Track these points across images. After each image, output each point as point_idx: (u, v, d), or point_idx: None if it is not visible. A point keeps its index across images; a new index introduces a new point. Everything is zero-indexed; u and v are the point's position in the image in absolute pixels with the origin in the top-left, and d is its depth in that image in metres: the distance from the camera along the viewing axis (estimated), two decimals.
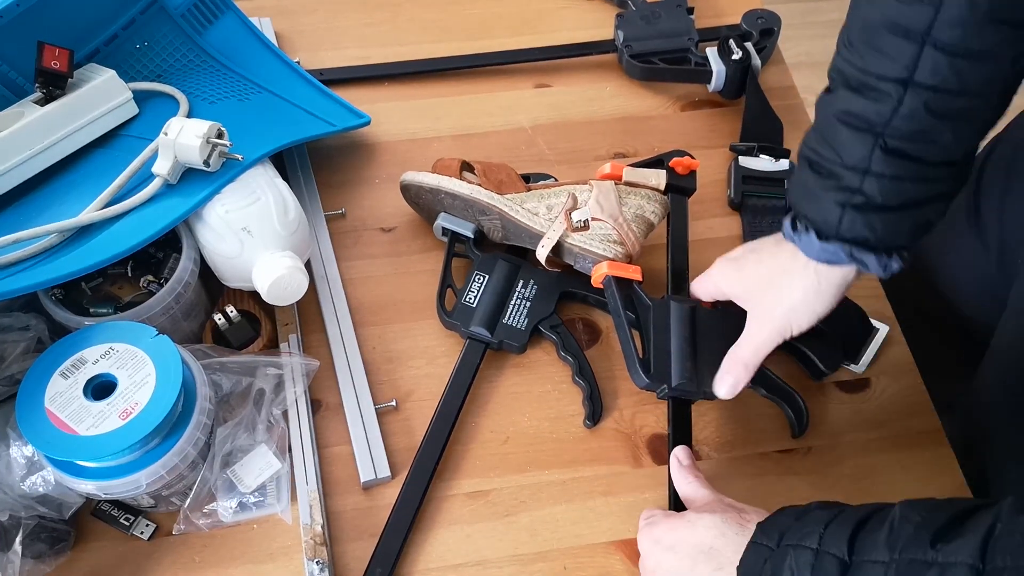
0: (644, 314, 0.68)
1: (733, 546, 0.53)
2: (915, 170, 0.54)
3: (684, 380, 0.65)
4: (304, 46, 0.94)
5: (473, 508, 0.66)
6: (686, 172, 0.77)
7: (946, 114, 0.52)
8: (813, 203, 0.57)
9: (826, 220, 0.57)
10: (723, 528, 0.54)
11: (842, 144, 0.55)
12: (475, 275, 0.74)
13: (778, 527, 0.51)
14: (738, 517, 0.55)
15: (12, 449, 0.57)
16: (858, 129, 0.54)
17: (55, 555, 0.60)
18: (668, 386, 0.65)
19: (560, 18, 0.98)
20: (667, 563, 0.56)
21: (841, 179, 0.55)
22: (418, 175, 0.76)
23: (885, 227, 0.56)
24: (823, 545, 0.47)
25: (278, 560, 0.63)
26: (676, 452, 0.63)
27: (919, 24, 0.50)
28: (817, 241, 0.57)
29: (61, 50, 0.68)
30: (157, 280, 0.67)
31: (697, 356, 0.66)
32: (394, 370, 0.72)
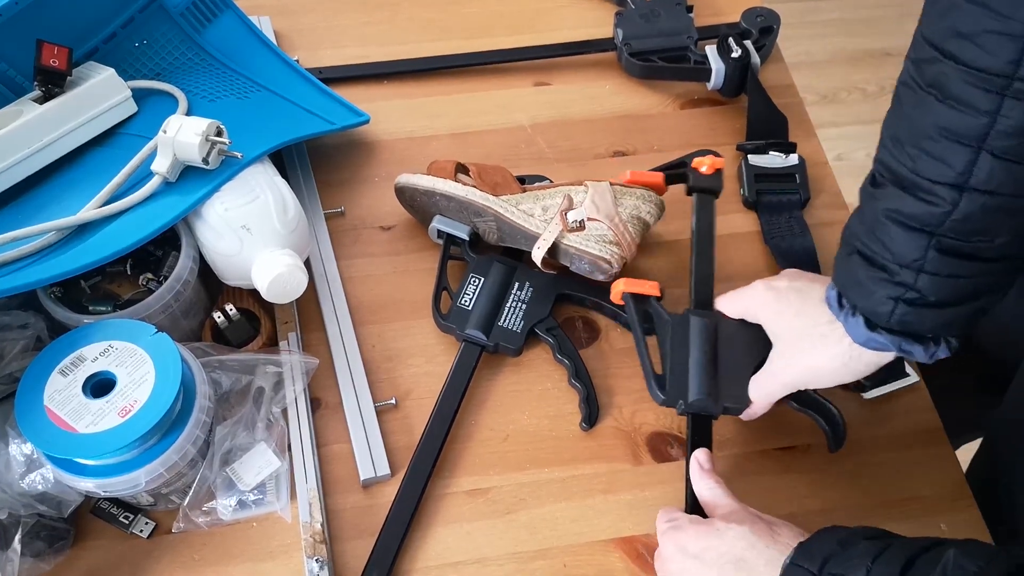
0: (662, 330, 0.67)
1: (764, 559, 0.51)
2: (971, 267, 0.52)
3: (702, 396, 0.63)
4: (303, 44, 0.94)
5: (472, 506, 0.66)
6: (712, 171, 0.74)
7: (1003, 214, 0.50)
8: (863, 294, 0.55)
9: (876, 311, 0.55)
10: (753, 540, 0.53)
11: (893, 241, 0.53)
12: (470, 277, 0.74)
13: (821, 552, 0.49)
14: (768, 530, 0.53)
15: (11, 447, 0.57)
16: (911, 229, 0.52)
17: (54, 553, 0.60)
18: (685, 402, 0.64)
19: (559, 16, 0.98)
20: (693, 570, 0.55)
21: (895, 275, 0.53)
22: (413, 177, 0.76)
23: (938, 320, 0.54)
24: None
25: (278, 558, 0.63)
26: (697, 455, 0.61)
27: (974, 132, 0.47)
28: (865, 329, 0.56)
29: (60, 48, 0.68)
30: (156, 278, 0.66)
31: (718, 371, 0.64)
32: (393, 368, 0.72)
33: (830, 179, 0.86)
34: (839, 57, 2.12)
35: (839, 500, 0.67)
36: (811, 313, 0.60)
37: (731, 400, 0.64)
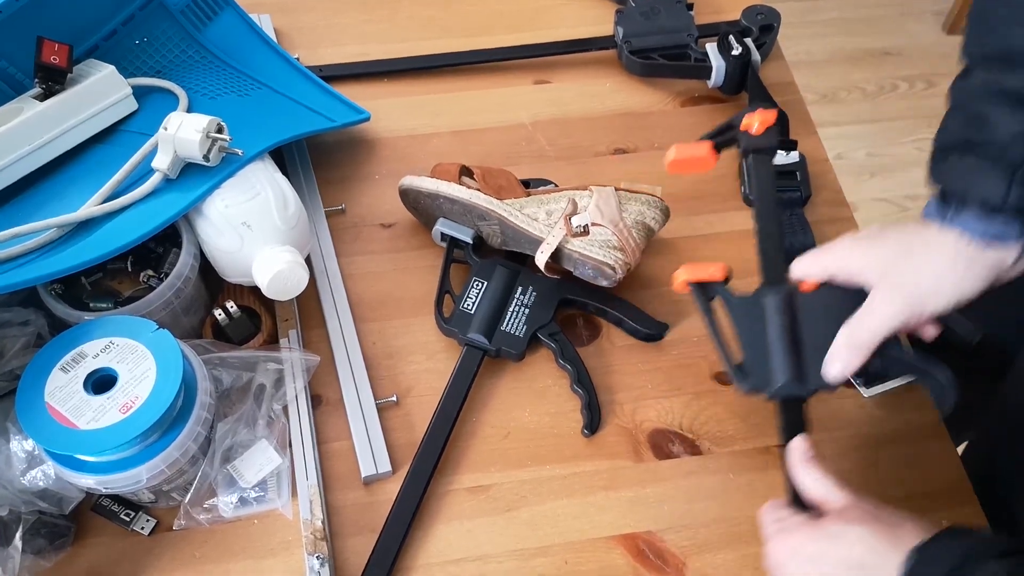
0: (735, 314, 0.61)
1: (887, 565, 0.48)
2: None
3: (787, 379, 0.57)
4: (303, 43, 0.94)
5: (474, 503, 0.66)
6: (763, 130, 0.65)
7: None
8: (974, 183, 0.53)
9: (992, 194, 0.52)
10: (874, 543, 0.49)
11: (996, 119, 0.52)
12: (473, 281, 0.74)
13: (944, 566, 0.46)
14: (889, 532, 0.49)
15: (12, 443, 0.57)
16: (1014, 102, 0.52)
17: (55, 550, 0.60)
18: (769, 390, 0.58)
19: (559, 14, 0.98)
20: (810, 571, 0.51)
21: (1005, 152, 0.52)
22: (417, 180, 0.76)
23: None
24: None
25: (278, 555, 0.63)
26: (794, 444, 0.56)
27: None
28: (981, 220, 0.53)
29: (60, 45, 0.68)
30: (157, 275, 0.66)
31: (801, 349, 0.58)
32: (394, 365, 0.72)
33: (831, 176, 0.86)
34: (839, 56, 2.12)
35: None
36: (915, 234, 0.56)
37: (822, 380, 0.58)
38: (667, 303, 0.76)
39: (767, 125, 0.65)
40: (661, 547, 0.64)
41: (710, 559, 0.64)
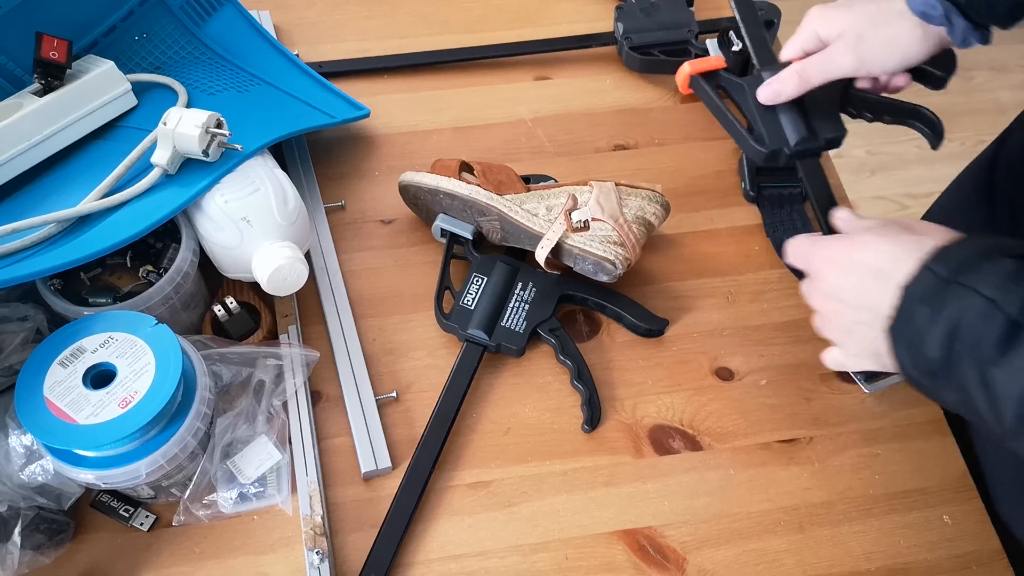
0: (740, 95, 0.68)
1: (904, 268, 0.50)
2: None
3: (802, 136, 0.65)
4: (303, 39, 0.94)
5: (474, 499, 0.66)
6: None
7: None
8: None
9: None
10: (896, 251, 0.51)
11: None
12: (473, 277, 0.74)
13: (958, 258, 0.48)
14: (914, 241, 0.51)
15: (11, 438, 0.57)
16: None
17: (54, 546, 0.60)
18: (787, 149, 0.65)
19: (559, 11, 0.98)
20: (840, 283, 0.55)
21: None
22: (416, 175, 0.76)
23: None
24: (995, 296, 0.44)
25: (278, 551, 0.62)
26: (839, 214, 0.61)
27: None
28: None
29: (59, 41, 0.68)
30: (156, 270, 0.66)
31: (807, 111, 0.66)
32: (394, 361, 0.72)
33: (831, 173, 0.86)
34: None
35: (841, 492, 0.66)
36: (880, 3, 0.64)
37: (830, 131, 0.66)
38: (668, 299, 0.76)
39: None
40: (662, 543, 0.64)
41: (711, 555, 0.64)
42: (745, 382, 0.72)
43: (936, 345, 0.46)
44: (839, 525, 0.65)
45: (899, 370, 0.51)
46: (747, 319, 0.75)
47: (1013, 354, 0.43)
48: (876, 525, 0.65)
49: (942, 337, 0.46)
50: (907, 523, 0.65)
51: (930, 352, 0.47)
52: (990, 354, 0.44)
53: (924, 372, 0.48)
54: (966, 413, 0.48)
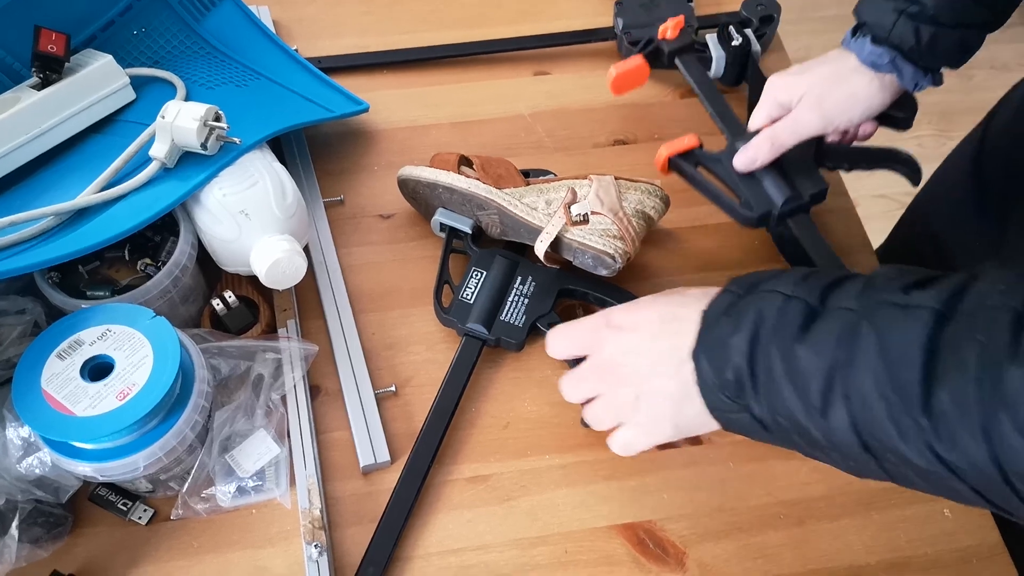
0: (719, 168, 0.72)
1: (693, 312, 0.50)
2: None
3: (788, 197, 0.69)
4: (302, 34, 0.94)
5: (473, 493, 0.65)
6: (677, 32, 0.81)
7: None
8: (873, 8, 0.66)
9: (881, 24, 0.65)
10: (683, 298, 0.52)
11: None
12: (472, 271, 0.73)
13: (751, 279, 0.49)
14: (699, 292, 0.52)
15: (8, 431, 0.57)
16: None
17: (52, 540, 0.60)
18: (775, 211, 0.70)
19: (559, 6, 0.98)
20: (629, 340, 0.54)
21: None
22: (415, 169, 0.76)
23: (929, 38, 0.64)
24: (794, 292, 0.46)
25: (277, 545, 0.62)
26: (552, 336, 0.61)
27: None
28: (869, 45, 0.67)
29: (58, 34, 0.67)
30: (155, 263, 0.66)
31: (787, 172, 0.70)
32: (393, 356, 0.72)
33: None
34: None
35: (841, 487, 0.66)
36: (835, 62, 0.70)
37: (812, 187, 0.70)
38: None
39: (680, 27, 0.80)
40: (662, 536, 0.64)
41: (711, 548, 0.63)
42: None
43: (742, 348, 0.46)
44: (839, 519, 0.65)
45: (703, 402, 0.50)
46: None
47: (813, 332, 0.44)
48: (876, 519, 0.65)
49: (747, 338, 0.46)
50: (907, 517, 0.65)
51: (735, 357, 0.46)
52: (793, 335, 0.44)
53: (731, 385, 0.47)
54: (775, 426, 0.47)
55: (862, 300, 0.43)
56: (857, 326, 0.42)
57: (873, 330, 0.41)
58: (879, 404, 0.41)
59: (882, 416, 0.41)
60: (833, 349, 0.43)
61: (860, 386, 0.42)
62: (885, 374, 0.41)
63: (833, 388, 0.43)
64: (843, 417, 0.43)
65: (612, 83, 0.82)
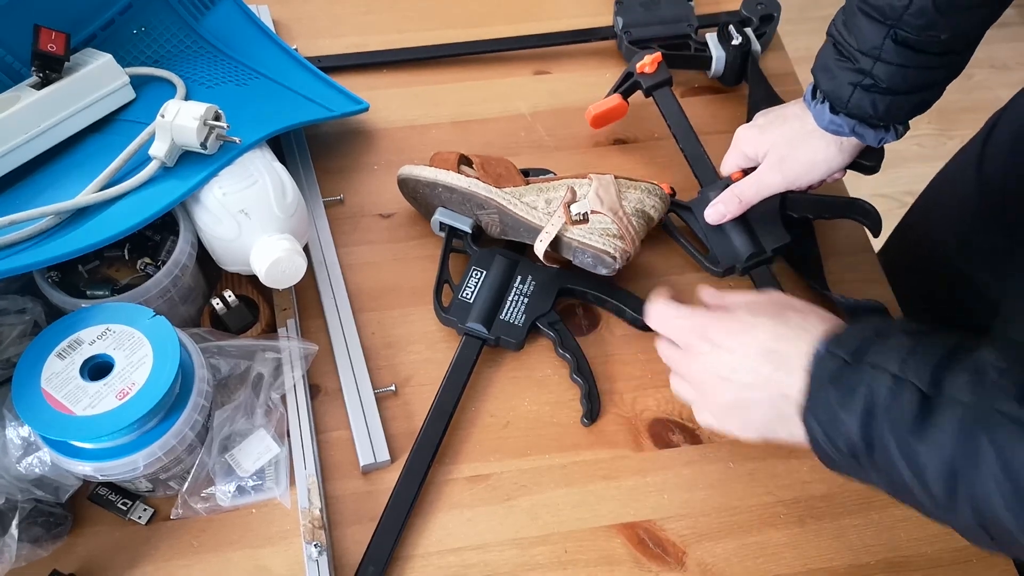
0: (690, 217, 0.76)
1: (795, 350, 0.50)
2: (919, 60, 0.63)
3: (751, 252, 0.72)
4: (302, 33, 0.94)
5: (473, 492, 0.65)
6: (655, 67, 0.82)
7: (950, 10, 0.59)
8: (830, 79, 0.67)
9: (839, 96, 0.66)
10: (782, 331, 0.52)
11: (860, 30, 0.63)
12: (472, 271, 0.73)
13: (856, 339, 0.48)
14: (800, 319, 0.52)
15: (8, 430, 0.57)
16: (874, 19, 0.62)
17: (52, 539, 0.60)
18: (739, 264, 0.73)
19: (559, 5, 0.98)
20: (725, 361, 0.54)
21: (856, 61, 0.64)
22: (415, 168, 0.75)
23: (887, 107, 0.65)
24: (903, 373, 0.45)
25: (277, 544, 0.62)
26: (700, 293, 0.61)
27: None
28: (828, 113, 0.68)
29: (57, 33, 0.67)
30: (154, 263, 0.66)
31: (752, 227, 0.73)
32: (393, 355, 0.72)
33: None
34: None
35: (842, 484, 0.66)
36: (795, 121, 0.72)
37: (773, 241, 0.73)
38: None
39: (657, 62, 0.82)
40: (661, 536, 0.64)
41: (710, 548, 0.63)
42: None
43: (855, 425, 0.46)
44: (839, 518, 0.65)
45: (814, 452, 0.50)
46: None
47: (931, 427, 0.43)
48: (876, 518, 0.65)
49: (859, 416, 0.46)
50: (907, 516, 0.65)
51: (849, 433, 0.46)
52: (909, 429, 0.44)
53: (846, 454, 0.47)
54: (893, 491, 0.47)
55: (977, 395, 0.43)
56: (976, 434, 0.42)
57: (993, 448, 0.41)
58: (1006, 515, 0.41)
59: (1009, 522, 0.41)
60: (952, 448, 0.42)
61: (985, 496, 0.42)
62: (1011, 491, 0.41)
63: (957, 490, 0.43)
64: (968, 514, 0.43)
65: (590, 120, 0.84)
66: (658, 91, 0.83)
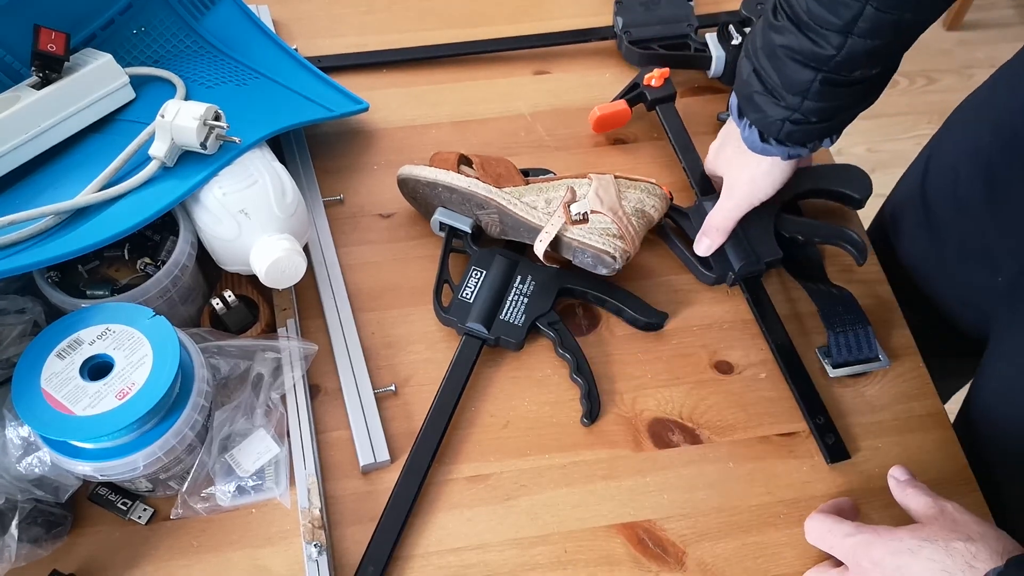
0: (686, 223, 0.77)
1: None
2: (846, 94, 0.63)
3: (744, 262, 0.74)
4: (302, 33, 0.94)
5: (473, 492, 0.65)
6: (661, 82, 0.84)
7: (878, 54, 0.60)
8: (758, 112, 0.66)
9: (768, 128, 0.67)
10: (948, 564, 0.51)
11: (786, 73, 0.63)
12: (472, 270, 0.73)
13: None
14: (964, 550, 0.52)
15: (8, 430, 0.57)
16: (802, 64, 0.61)
17: (52, 539, 0.60)
18: (734, 273, 0.74)
19: (559, 5, 0.98)
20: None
21: (782, 99, 0.64)
22: (415, 168, 0.75)
23: (817, 133, 0.66)
24: None
25: (276, 544, 0.62)
26: (893, 472, 0.63)
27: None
28: (759, 141, 0.68)
29: (57, 33, 0.67)
30: (154, 263, 0.66)
31: (747, 238, 0.74)
32: (393, 355, 0.72)
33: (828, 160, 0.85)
34: None
35: (841, 485, 0.66)
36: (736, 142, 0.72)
37: (768, 254, 0.74)
38: (667, 292, 0.76)
39: (664, 77, 0.84)
40: (661, 536, 0.64)
41: (710, 548, 0.63)
42: (744, 375, 0.72)
43: None
44: None
45: None
46: (746, 312, 0.75)
47: None
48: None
49: None
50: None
51: None
52: None
53: None
54: None
55: None
56: None
57: None
58: None
59: None
60: None
61: None
62: None
63: None
64: None
65: (594, 122, 0.85)
66: (662, 105, 0.84)
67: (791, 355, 0.71)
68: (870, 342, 0.71)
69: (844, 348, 0.71)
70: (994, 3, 2.26)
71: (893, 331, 0.74)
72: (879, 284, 0.78)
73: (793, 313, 0.75)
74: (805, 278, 0.76)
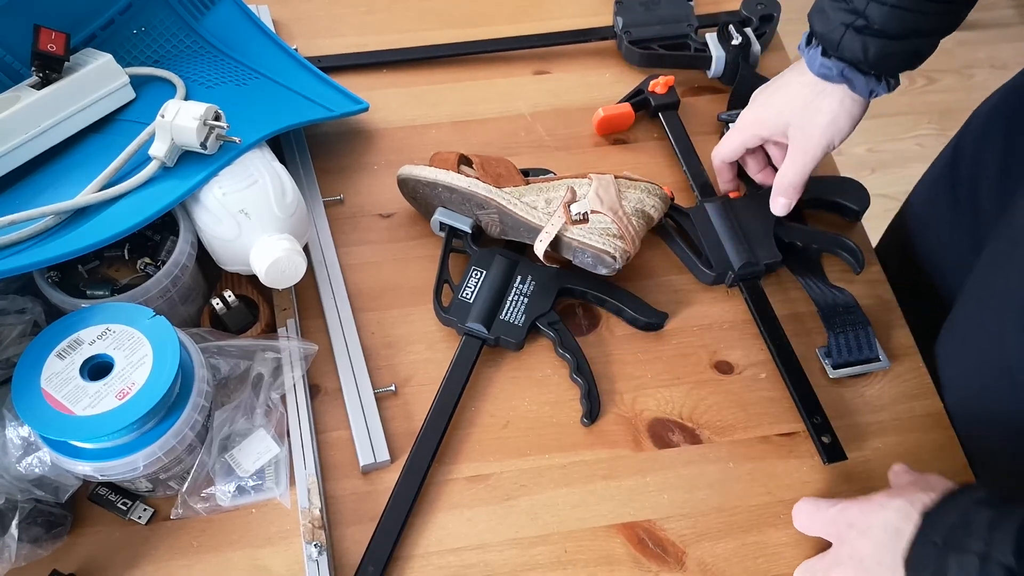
0: (687, 223, 0.77)
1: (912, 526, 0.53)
2: (914, 2, 0.61)
3: (745, 261, 0.74)
4: (302, 33, 0.94)
5: (473, 492, 0.65)
6: (665, 89, 0.85)
7: None
8: (823, 20, 0.66)
9: (830, 37, 0.65)
10: (909, 511, 0.53)
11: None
12: (472, 270, 0.73)
13: (945, 522, 0.51)
14: (928, 500, 0.54)
15: (8, 430, 0.57)
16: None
17: (52, 539, 0.60)
18: (733, 272, 0.74)
19: (559, 5, 0.98)
20: (860, 548, 0.55)
21: (850, 1, 0.63)
22: (415, 168, 0.75)
23: (877, 51, 0.64)
24: (992, 554, 0.47)
25: (276, 544, 0.62)
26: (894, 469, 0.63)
27: None
28: (820, 57, 0.67)
29: (57, 33, 0.67)
30: (154, 263, 0.66)
31: (747, 238, 0.75)
32: (393, 355, 0.72)
33: (831, 171, 0.86)
34: None
35: (842, 485, 0.66)
36: (800, 88, 0.70)
37: (768, 257, 0.75)
38: (667, 292, 0.76)
39: (669, 85, 0.85)
40: (661, 536, 0.64)
41: (710, 548, 0.63)
42: (744, 375, 0.72)
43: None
44: None
45: None
46: (746, 312, 0.75)
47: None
48: None
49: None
50: None
51: None
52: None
53: None
54: None
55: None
56: None
57: None
58: None
59: None
60: None
61: None
62: None
63: None
64: None
65: (598, 124, 0.85)
66: (666, 112, 0.85)
67: (789, 356, 0.71)
68: (870, 342, 0.71)
69: (844, 349, 0.71)
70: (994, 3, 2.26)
71: (893, 331, 0.74)
72: (879, 284, 0.78)
73: (793, 313, 0.75)
74: (805, 278, 0.76)
